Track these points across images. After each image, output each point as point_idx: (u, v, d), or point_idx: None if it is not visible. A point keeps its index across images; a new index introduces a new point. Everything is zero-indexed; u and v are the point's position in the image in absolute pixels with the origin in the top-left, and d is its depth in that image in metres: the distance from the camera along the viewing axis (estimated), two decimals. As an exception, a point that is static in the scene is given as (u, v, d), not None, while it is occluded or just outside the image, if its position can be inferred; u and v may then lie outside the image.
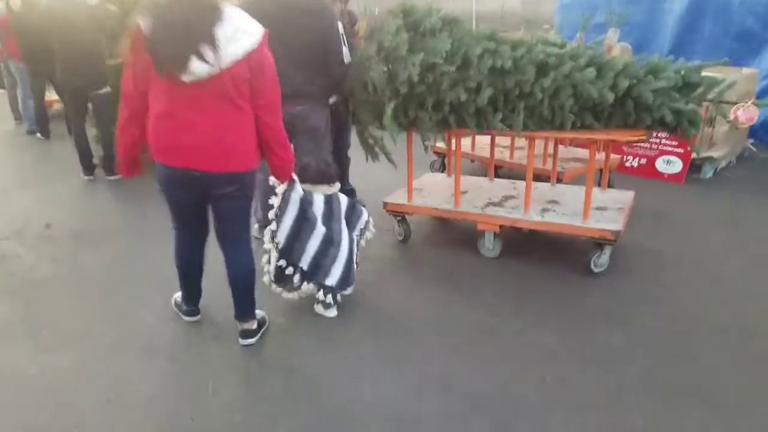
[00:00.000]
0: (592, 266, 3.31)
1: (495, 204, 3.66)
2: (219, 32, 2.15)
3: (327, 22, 3.27)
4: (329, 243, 2.87)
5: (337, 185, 3.00)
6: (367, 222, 3.16)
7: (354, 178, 4.50)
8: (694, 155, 4.74)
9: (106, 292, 3.27)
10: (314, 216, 2.83)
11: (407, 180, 3.78)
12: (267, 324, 2.86)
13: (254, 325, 2.74)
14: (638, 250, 3.63)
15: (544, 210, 3.49)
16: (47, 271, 3.53)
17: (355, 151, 3.98)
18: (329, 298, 2.90)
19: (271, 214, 2.80)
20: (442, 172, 4.69)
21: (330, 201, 2.94)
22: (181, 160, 2.32)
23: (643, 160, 5.13)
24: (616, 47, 5.14)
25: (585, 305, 3.02)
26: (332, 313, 2.96)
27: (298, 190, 2.80)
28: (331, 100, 3.59)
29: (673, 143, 4.91)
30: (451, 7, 3.75)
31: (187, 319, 2.92)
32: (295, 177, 2.76)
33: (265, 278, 2.91)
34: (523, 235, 3.71)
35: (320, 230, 2.83)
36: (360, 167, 4.12)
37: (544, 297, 3.11)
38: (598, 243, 3.26)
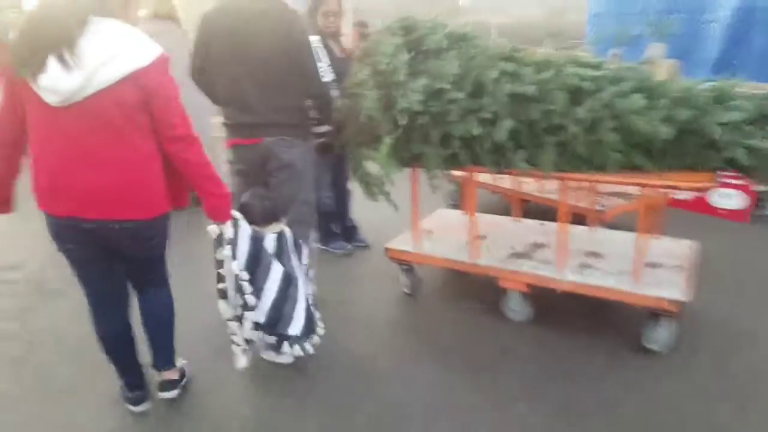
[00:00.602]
0: (645, 341, 2.65)
1: (521, 255, 3.03)
2: (86, 44, 1.80)
3: (294, 27, 2.70)
4: (288, 282, 2.44)
5: (284, 220, 2.61)
6: (309, 260, 2.75)
7: (359, 212, 3.95)
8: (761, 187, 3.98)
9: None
10: (267, 255, 2.40)
11: (412, 221, 3.19)
12: (188, 377, 2.49)
13: (175, 375, 2.39)
14: (705, 316, 2.92)
15: (583, 266, 2.84)
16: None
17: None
18: (294, 349, 2.43)
19: (222, 271, 2.28)
20: (458, 207, 4.08)
21: (280, 238, 2.51)
22: (65, 206, 1.93)
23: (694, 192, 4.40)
24: (662, 66, 4.43)
25: (633, 400, 2.35)
26: (286, 358, 2.57)
27: (246, 228, 2.34)
28: (322, 129, 3.03)
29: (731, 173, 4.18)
30: (461, 21, 3.12)
31: (133, 409, 2.35)
32: (236, 214, 2.29)
33: (242, 362, 2.42)
34: (558, 293, 3.08)
35: (278, 269, 2.41)
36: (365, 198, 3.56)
37: (580, 381, 2.47)
38: (654, 312, 2.60)
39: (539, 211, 3.90)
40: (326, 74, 2.82)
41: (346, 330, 2.94)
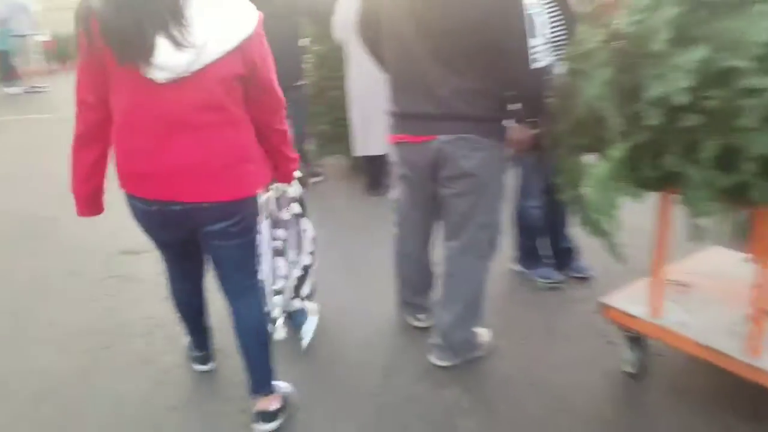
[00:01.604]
0: None
1: None
2: (193, 13, 1.56)
3: None
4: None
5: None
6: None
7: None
8: None
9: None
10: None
11: (653, 267, 2.05)
12: (289, 405, 2.06)
13: (274, 404, 1.99)
14: None
15: None
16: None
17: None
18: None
19: (279, 233, 2.28)
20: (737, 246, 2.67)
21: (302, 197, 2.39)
22: (157, 190, 1.72)
23: None
24: None
25: None
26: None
27: (297, 188, 2.28)
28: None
29: None
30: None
31: (198, 368, 2.32)
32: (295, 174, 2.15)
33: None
34: None
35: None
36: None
37: None
38: None
39: None
40: (541, 55, 1.86)
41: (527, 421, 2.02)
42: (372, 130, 3.97)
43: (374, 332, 2.57)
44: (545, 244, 2.95)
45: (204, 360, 2.32)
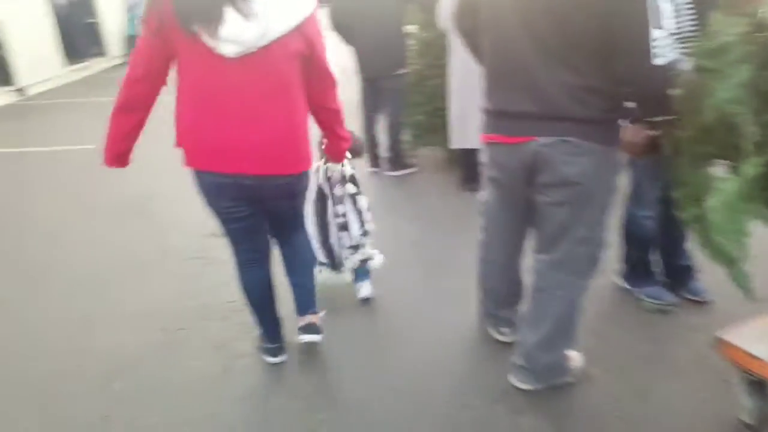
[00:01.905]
0: None
1: None
2: None
3: None
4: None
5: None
6: None
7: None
8: None
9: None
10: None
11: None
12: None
13: (317, 321, 2.32)
14: None
15: None
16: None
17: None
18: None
19: (340, 209, 2.55)
20: None
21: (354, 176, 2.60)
22: (231, 164, 1.85)
23: None
24: None
25: None
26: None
27: (350, 167, 2.53)
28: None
29: None
30: None
31: (270, 360, 2.31)
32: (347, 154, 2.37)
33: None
34: None
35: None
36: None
37: None
38: None
39: None
40: (665, 49, 1.56)
41: None
42: (470, 123, 3.76)
43: (451, 340, 2.41)
44: (657, 259, 2.62)
45: (275, 352, 2.31)
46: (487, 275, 2.29)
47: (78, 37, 11.04)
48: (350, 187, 2.53)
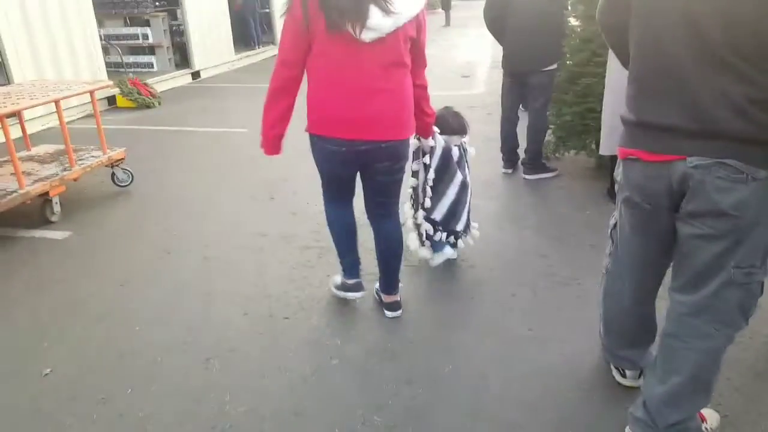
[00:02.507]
0: None
1: None
2: None
3: None
4: (464, 187, 2.86)
5: (467, 134, 2.89)
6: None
7: None
8: None
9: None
10: (454, 165, 2.80)
11: None
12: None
13: (399, 299, 2.62)
14: None
15: None
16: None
17: None
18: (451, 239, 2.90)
19: (412, 182, 2.79)
20: None
21: (462, 149, 2.86)
22: (353, 132, 2.15)
23: None
24: None
25: None
26: (444, 256, 2.90)
27: (440, 140, 2.72)
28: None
29: None
30: None
31: (352, 296, 2.63)
32: (435, 128, 2.65)
33: (414, 245, 2.84)
34: None
35: (459, 176, 2.82)
36: None
37: None
38: None
39: None
40: None
41: None
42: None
43: (564, 374, 2.13)
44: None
45: (356, 288, 2.62)
46: (611, 310, 1.98)
47: (253, 26, 11.99)
48: (426, 159, 2.73)
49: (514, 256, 3.08)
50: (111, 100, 7.48)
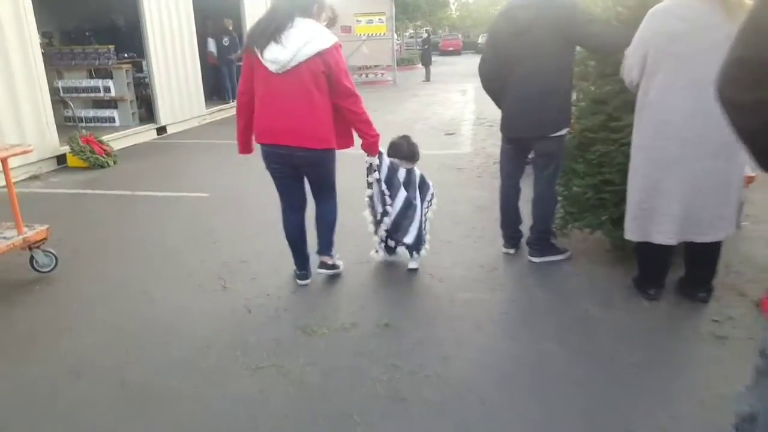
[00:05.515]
0: None
1: None
2: (293, 32, 2.80)
3: None
4: (408, 205, 3.33)
5: (417, 161, 3.45)
6: (432, 195, 3.53)
7: None
8: None
9: None
10: (398, 182, 3.32)
11: None
12: (340, 270, 3.41)
13: (330, 261, 3.33)
14: None
15: None
16: None
17: None
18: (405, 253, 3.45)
19: (368, 192, 3.35)
20: None
21: (410, 172, 3.40)
22: (279, 139, 2.91)
23: None
24: None
25: None
26: (397, 258, 3.53)
27: (386, 160, 3.29)
28: None
29: None
30: None
31: (299, 282, 3.30)
32: (382, 149, 3.23)
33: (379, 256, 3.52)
34: None
35: (402, 194, 3.32)
36: None
37: None
38: None
39: None
40: None
41: None
42: (659, 210, 2.71)
43: None
44: None
45: (303, 277, 3.31)
46: None
47: (227, 78, 11.45)
48: (376, 174, 3.26)
49: (537, 385, 2.31)
50: (62, 159, 6.74)
